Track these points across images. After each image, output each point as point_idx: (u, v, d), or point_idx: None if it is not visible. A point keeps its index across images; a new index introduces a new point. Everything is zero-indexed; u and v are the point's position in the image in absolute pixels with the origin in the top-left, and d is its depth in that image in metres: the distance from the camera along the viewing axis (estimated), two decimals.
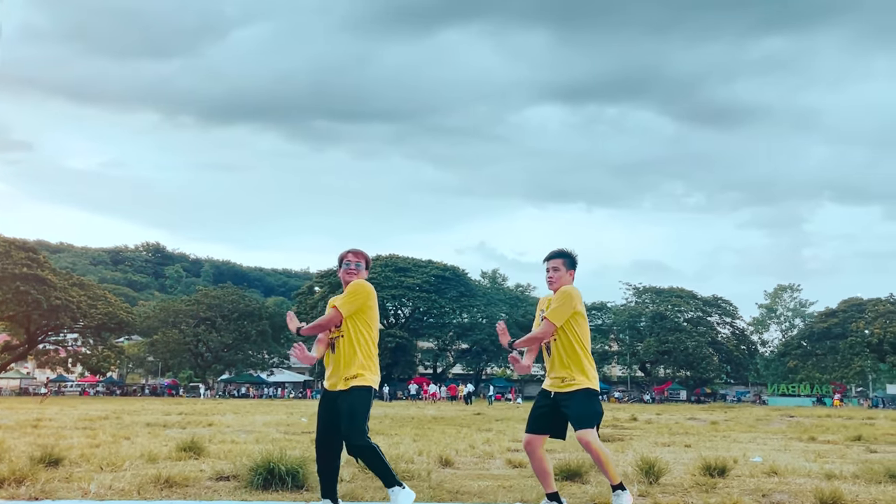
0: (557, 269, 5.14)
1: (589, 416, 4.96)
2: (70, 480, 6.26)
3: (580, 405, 4.97)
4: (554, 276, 5.14)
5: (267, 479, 6.03)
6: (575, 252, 5.26)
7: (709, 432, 16.79)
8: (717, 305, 74.95)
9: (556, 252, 5.23)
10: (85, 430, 14.36)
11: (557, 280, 5.12)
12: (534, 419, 5.16)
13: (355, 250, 5.17)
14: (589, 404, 5.02)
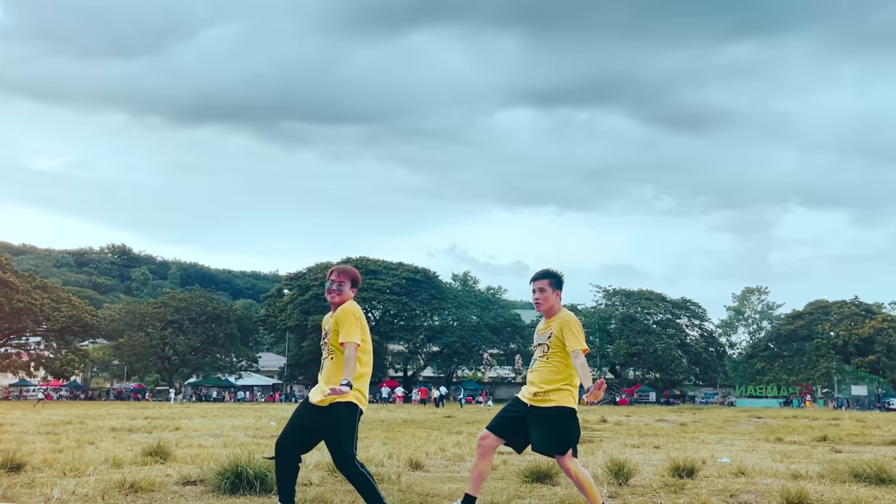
0: (544, 290, 5.09)
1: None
2: (32, 486, 6.11)
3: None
4: (540, 297, 5.09)
5: (234, 484, 5.95)
6: (561, 272, 5.19)
7: (678, 434, 16.96)
8: (686, 308, 75.81)
9: (541, 273, 5.17)
10: (48, 434, 14.09)
11: (545, 301, 5.08)
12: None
13: (339, 268, 4.98)
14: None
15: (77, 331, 66.56)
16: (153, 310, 72.76)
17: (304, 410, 4.74)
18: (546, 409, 4.91)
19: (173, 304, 72.68)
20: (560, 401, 4.93)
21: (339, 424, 4.61)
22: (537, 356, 5.11)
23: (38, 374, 70.21)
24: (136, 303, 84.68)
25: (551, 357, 5.03)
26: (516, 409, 5.06)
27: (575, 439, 4.98)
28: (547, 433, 4.87)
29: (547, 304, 5.09)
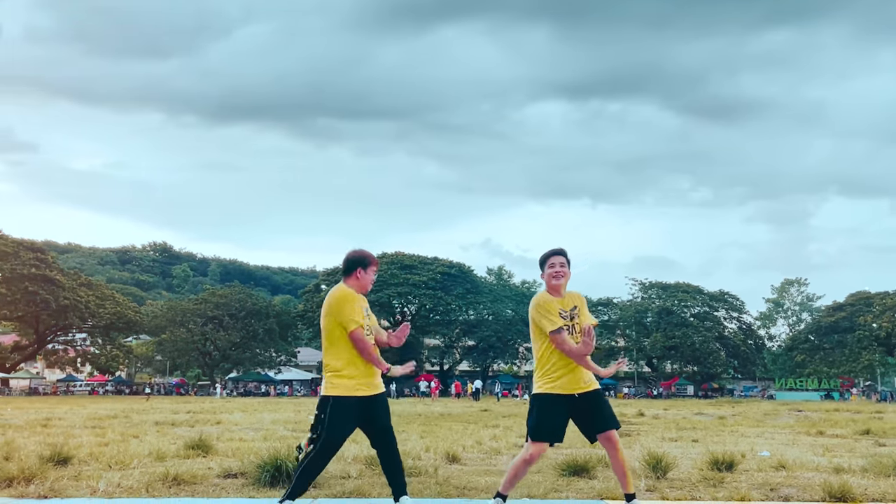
0: (564, 266, 4.99)
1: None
2: (79, 479, 6.29)
3: (609, 404, 4.98)
4: (562, 270, 4.94)
5: (274, 477, 6.05)
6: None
7: (716, 427, 16.77)
8: (723, 300, 74.76)
9: (563, 250, 5.07)
10: (94, 429, 14.44)
11: (566, 276, 4.98)
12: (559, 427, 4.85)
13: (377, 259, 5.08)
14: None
15: (121, 327, 68.06)
16: (194, 306, 74.04)
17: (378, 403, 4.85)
18: (598, 390, 4.90)
19: (213, 301, 73.85)
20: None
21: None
22: (577, 341, 4.92)
23: (85, 370, 72.01)
24: (178, 299, 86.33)
25: (577, 336, 4.93)
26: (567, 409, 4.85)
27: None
28: (609, 408, 4.92)
29: (567, 280, 5.01)
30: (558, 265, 4.94)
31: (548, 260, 4.99)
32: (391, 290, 70.29)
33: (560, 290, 4.94)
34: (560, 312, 4.86)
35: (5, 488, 5.77)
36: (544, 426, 4.80)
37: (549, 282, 4.95)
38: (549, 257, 5.00)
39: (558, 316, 4.81)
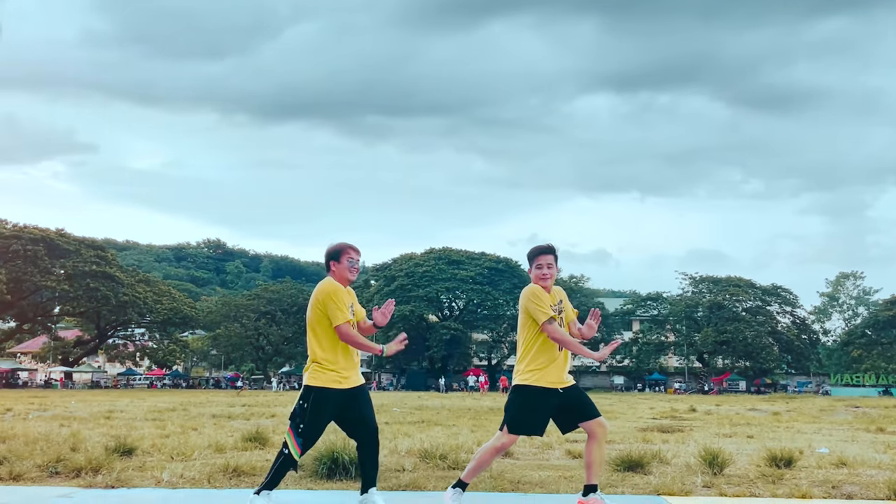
0: (552, 267, 4.99)
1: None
2: (143, 469, 6.50)
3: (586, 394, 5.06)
4: (549, 272, 4.95)
5: (331, 469, 6.17)
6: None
7: (771, 423, 16.44)
8: (776, 294, 73.07)
9: (552, 247, 5.05)
10: (154, 421, 14.87)
11: (552, 277, 4.99)
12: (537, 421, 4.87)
13: (356, 247, 5.01)
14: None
15: (177, 322, 69.84)
16: (247, 301, 75.49)
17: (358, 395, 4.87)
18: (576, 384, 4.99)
19: (266, 296, 75.18)
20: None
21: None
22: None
23: (143, 364, 74.11)
24: (231, 295, 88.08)
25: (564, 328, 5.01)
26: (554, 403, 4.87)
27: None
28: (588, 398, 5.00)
29: (553, 279, 5.03)
30: (546, 266, 4.95)
31: (535, 259, 4.99)
32: (439, 285, 70.51)
33: (548, 287, 4.98)
34: (550, 306, 4.91)
35: (74, 478, 6.00)
36: (526, 420, 4.82)
37: (536, 282, 4.96)
38: (536, 255, 5.00)
39: (549, 307, 4.84)
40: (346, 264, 4.88)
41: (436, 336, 69.50)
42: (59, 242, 62.12)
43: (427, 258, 73.78)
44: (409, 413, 19.25)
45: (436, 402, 28.37)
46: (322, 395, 4.66)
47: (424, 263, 72.37)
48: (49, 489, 5.50)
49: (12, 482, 5.83)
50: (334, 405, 4.69)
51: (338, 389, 4.69)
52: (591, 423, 4.84)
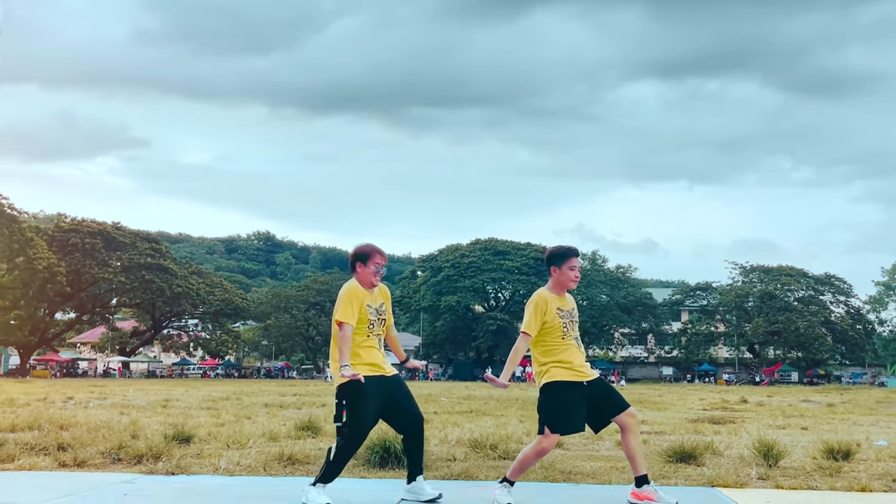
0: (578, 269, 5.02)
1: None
2: (201, 457, 6.69)
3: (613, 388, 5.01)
4: (578, 275, 4.98)
5: (384, 458, 6.25)
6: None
7: (826, 415, 16.07)
8: (829, 284, 71.13)
9: (578, 250, 5.05)
10: (209, 409, 15.22)
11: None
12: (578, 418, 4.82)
13: (382, 252, 5.03)
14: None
15: (229, 313, 71.31)
16: (297, 293, 76.61)
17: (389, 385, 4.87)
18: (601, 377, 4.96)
19: (315, 287, 76.18)
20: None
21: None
22: (576, 335, 4.98)
23: (197, 354, 75.91)
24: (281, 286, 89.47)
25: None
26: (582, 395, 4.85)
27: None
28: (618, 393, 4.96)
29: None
30: (578, 269, 4.97)
31: (569, 259, 4.94)
32: (485, 275, 70.49)
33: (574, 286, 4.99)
34: (558, 312, 4.88)
35: (136, 465, 6.21)
36: (563, 417, 4.77)
37: (566, 283, 4.94)
38: (570, 256, 4.95)
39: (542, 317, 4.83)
40: (371, 269, 4.94)
41: (482, 326, 69.55)
42: (115, 235, 63.91)
43: (473, 249, 73.79)
44: (456, 403, 19.34)
45: (483, 393, 28.44)
46: (354, 388, 4.70)
47: (470, 254, 72.40)
48: (113, 475, 5.70)
49: (77, 468, 6.06)
50: (371, 392, 4.73)
51: (373, 377, 4.78)
52: (621, 416, 4.79)
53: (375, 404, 4.76)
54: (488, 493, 5.11)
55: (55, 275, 54.76)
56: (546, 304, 4.90)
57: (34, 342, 61.58)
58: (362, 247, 5.01)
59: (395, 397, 4.84)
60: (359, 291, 4.91)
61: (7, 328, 57.94)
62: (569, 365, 4.82)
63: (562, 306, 4.94)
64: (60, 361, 65.95)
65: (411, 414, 4.87)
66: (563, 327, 4.88)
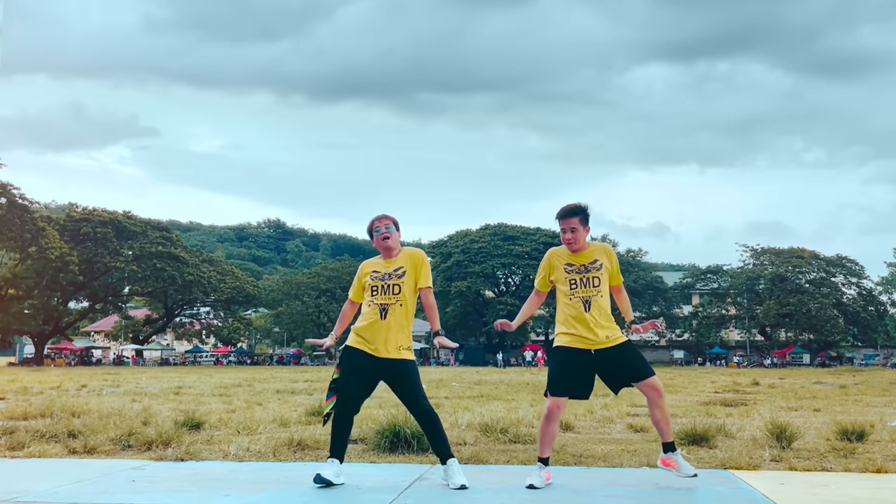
0: (576, 230, 4.84)
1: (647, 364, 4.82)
2: (211, 443, 6.69)
3: (637, 355, 4.83)
4: (572, 236, 4.84)
5: (393, 443, 6.24)
6: (587, 205, 4.98)
7: (838, 396, 15.96)
8: (841, 265, 70.73)
9: (570, 209, 4.89)
10: (221, 396, 15.28)
11: (576, 240, 4.87)
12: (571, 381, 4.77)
13: (379, 215, 4.99)
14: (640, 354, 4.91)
15: (240, 301, 71.62)
16: (307, 280, 76.86)
17: (364, 363, 4.75)
18: (619, 345, 4.76)
19: (326, 274, 76.39)
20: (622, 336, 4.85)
21: (415, 375, 4.83)
22: (588, 294, 4.77)
23: (210, 342, 76.38)
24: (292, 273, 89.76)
25: (604, 291, 4.88)
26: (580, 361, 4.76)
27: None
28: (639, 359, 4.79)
29: (580, 243, 4.90)
30: (569, 230, 4.88)
31: (559, 223, 4.96)
32: (495, 261, 70.42)
33: (577, 248, 4.92)
34: (566, 266, 4.87)
35: (146, 451, 6.22)
36: (559, 379, 4.78)
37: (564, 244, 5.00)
38: (559, 220, 4.95)
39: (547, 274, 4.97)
40: (374, 236, 4.97)
41: (492, 312, 69.54)
42: (126, 224, 64.17)
43: (482, 234, 73.69)
44: (467, 388, 19.35)
45: (494, 377, 28.46)
46: (347, 352, 4.83)
47: (480, 240, 72.30)
48: (123, 461, 5.71)
49: (87, 455, 6.08)
50: (363, 365, 4.74)
51: (359, 350, 4.77)
52: (640, 386, 4.73)
53: (356, 378, 4.75)
54: (499, 477, 5.08)
55: (67, 264, 55.07)
56: (551, 259, 4.98)
57: (48, 331, 62.07)
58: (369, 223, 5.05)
59: (390, 384, 4.81)
60: (364, 264, 5.03)
61: (21, 317, 58.42)
62: (572, 332, 4.78)
63: (573, 260, 4.89)
64: (74, 350, 66.50)
65: (413, 407, 4.82)
66: (571, 284, 4.84)
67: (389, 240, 4.89)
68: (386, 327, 4.74)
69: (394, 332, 4.75)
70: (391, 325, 4.75)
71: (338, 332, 5.19)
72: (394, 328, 4.75)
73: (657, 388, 4.72)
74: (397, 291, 4.80)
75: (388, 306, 4.78)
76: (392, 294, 4.80)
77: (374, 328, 4.76)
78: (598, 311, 4.77)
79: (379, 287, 4.82)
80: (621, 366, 4.74)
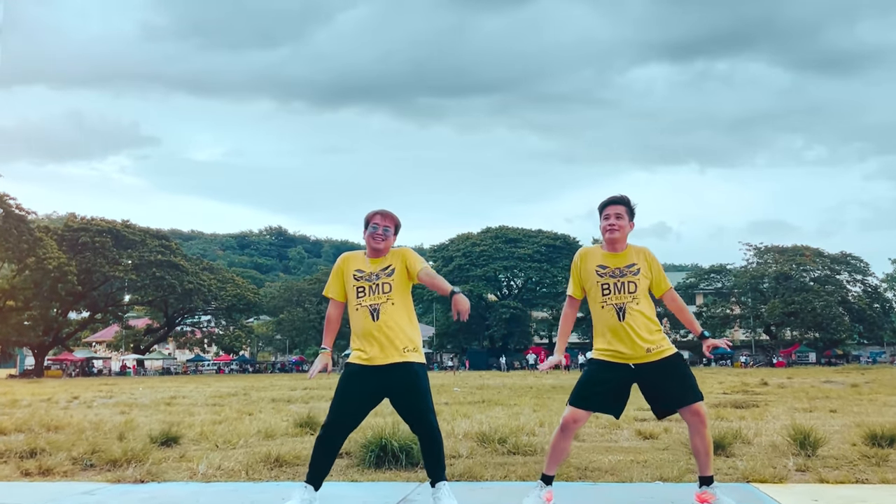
0: (621, 216, 4.23)
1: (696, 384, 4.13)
2: (183, 460, 6.14)
3: (684, 373, 4.15)
4: (618, 223, 4.20)
5: (380, 457, 5.67)
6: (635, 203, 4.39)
7: (852, 396, 15.39)
8: (846, 262, 70.12)
9: (619, 197, 4.31)
10: (213, 406, 14.76)
11: (620, 227, 4.22)
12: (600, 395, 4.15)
13: (383, 212, 4.38)
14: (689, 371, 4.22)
15: (242, 308, 71.08)
16: (309, 286, 76.30)
17: (364, 378, 4.10)
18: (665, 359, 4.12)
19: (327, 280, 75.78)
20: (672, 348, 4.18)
21: (424, 379, 4.15)
22: (622, 301, 4.13)
23: (211, 350, 75.80)
24: (294, 280, 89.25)
25: (642, 297, 4.18)
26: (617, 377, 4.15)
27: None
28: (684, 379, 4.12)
29: (624, 235, 4.27)
30: (614, 216, 4.25)
31: (604, 209, 4.33)
32: (496, 263, 69.85)
33: (615, 244, 4.28)
34: (598, 269, 4.23)
35: (109, 471, 5.66)
36: (585, 392, 4.17)
37: (604, 236, 4.33)
38: (604, 206, 4.34)
39: (579, 281, 4.34)
40: (368, 231, 4.35)
41: (495, 315, 68.98)
42: (124, 233, 63.69)
43: (484, 237, 73.15)
44: (469, 393, 18.80)
45: (497, 381, 27.89)
46: (345, 371, 4.18)
47: (481, 243, 71.77)
48: (75, 485, 5.14)
49: (40, 477, 5.51)
50: (359, 383, 4.10)
51: (356, 365, 4.15)
52: (682, 412, 4.10)
53: (351, 399, 4.09)
54: (493, 497, 4.54)
55: (66, 274, 54.58)
56: (581, 261, 4.35)
57: (48, 342, 61.55)
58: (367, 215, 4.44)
59: (391, 392, 4.10)
60: (344, 259, 4.42)
61: (20, 329, 57.91)
62: (605, 346, 4.17)
63: (606, 262, 4.25)
64: (75, 361, 65.99)
65: (416, 420, 4.11)
66: (603, 289, 4.19)
67: (385, 242, 4.32)
68: (380, 328, 4.13)
69: (393, 331, 4.13)
70: (388, 325, 4.14)
71: (328, 344, 4.44)
72: (392, 327, 4.14)
73: (701, 415, 4.09)
74: (388, 290, 4.21)
75: (378, 306, 4.18)
76: (382, 293, 4.21)
77: (367, 333, 4.15)
78: (634, 319, 4.12)
79: (366, 288, 4.23)
80: (663, 385, 4.12)
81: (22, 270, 55.11)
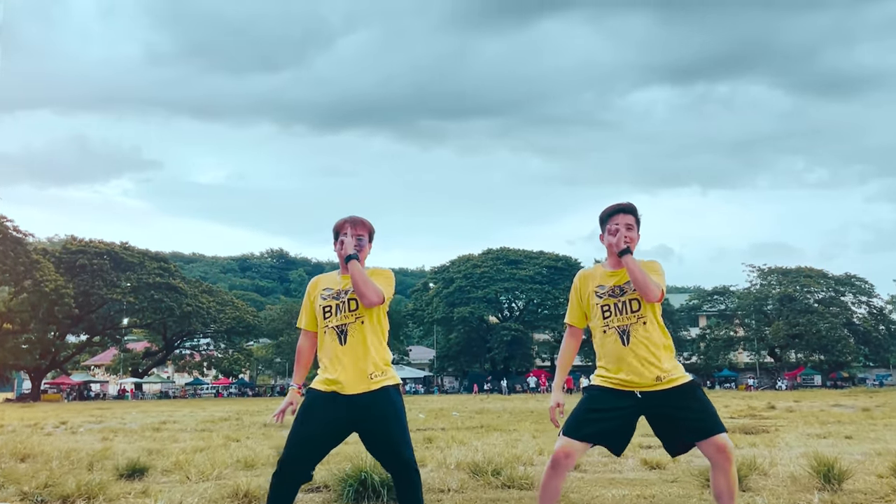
0: (632, 228, 3.71)
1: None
2: (145, 495, 5.60)
3: (702, 402, 3.56)
4: (628, 235, 3.66)
5: (358, 492, 5.14)
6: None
7: (864, 421, 14.80)
8: (850, 284, 69.45)
9: (628, 205, 3.76)
10: (203, 431, 14.23)
11: (632, 241, 3.68)
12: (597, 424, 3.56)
13: (353, 219, 3.90)
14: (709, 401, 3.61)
15: (241, 331, 70.48)
16: None
17: (328, 408, 3.55)
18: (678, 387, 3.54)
19: None
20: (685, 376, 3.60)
21: (400, 407, 3.62)
22: (629, 323, 3.60)
23: (210, 374, 75.03)
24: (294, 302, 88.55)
25: (649, 317, 3.64)
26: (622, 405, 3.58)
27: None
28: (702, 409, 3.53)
29: (634, 245, 3.69)
30: (624, 227, 3.67)
31: (610, 219, 3.75)
32: (498, 285, 69.28)
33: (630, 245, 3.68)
34: (597, 290, 3.70)
35: None
36: (579, 419, 3.58)
37: (608, 248, 3.75)
38: (612, 214, 3.76)
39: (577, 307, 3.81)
40: (338, 244, 3.84)
41: (496, 337, 68.29)
42: (123, 255, 63.28)
43: (485, 259, 72.66)
44: (468, 417, 18.21)
45: (497, 405, 27.26)
46: (307, 397, 3.64)
47: (482, 264, 71.26)
48: None
49: None
50: (322, 411, 3.56)
51: (317, 391, 3.60)
52: (702, 445, 3.50)
53: (316, 430, 3.53)
54: None
55: (63, 297, 54.10)
56: (580, 283, 3.80)
57: (45, 365, 60.91)
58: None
59: (361, 426, 3.54)
60: (313, 282, 3.89)
61: (17, 352, 57.29)
62: (606, 370, 3.63)
63: (605, 282, 3.70)
64: (72, 384, 65.25)
65: (390, 456, 3.54)
66: (604, 311, 3.65)
67: (359, 254, 3.79)
68: (347, 353, 3.60)
69: (360, 357, 3.59)
70: (353, 350, 3.61)
71: (298, 381, 3.83)
72: (358, 353, 3.60)
73: (726, 450, 3.47)
74: (354, 307, 3.67)
75: (346, 326, 3.65)
76: (349, 311, 3.67)
77: (334, 358, 3.61)
78: (639, 343, 3.59)
79: (332, 307, 3.70)
80: (677, 417, 3.54)
81: (19, 293, 54.65)
